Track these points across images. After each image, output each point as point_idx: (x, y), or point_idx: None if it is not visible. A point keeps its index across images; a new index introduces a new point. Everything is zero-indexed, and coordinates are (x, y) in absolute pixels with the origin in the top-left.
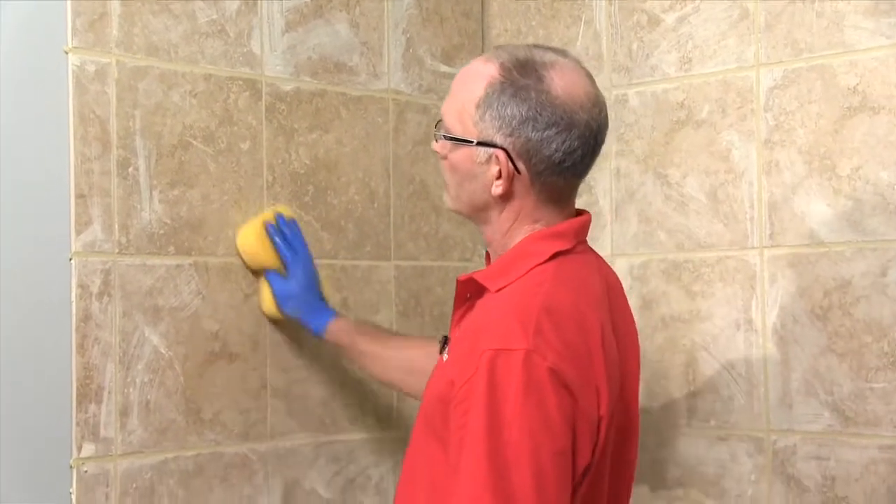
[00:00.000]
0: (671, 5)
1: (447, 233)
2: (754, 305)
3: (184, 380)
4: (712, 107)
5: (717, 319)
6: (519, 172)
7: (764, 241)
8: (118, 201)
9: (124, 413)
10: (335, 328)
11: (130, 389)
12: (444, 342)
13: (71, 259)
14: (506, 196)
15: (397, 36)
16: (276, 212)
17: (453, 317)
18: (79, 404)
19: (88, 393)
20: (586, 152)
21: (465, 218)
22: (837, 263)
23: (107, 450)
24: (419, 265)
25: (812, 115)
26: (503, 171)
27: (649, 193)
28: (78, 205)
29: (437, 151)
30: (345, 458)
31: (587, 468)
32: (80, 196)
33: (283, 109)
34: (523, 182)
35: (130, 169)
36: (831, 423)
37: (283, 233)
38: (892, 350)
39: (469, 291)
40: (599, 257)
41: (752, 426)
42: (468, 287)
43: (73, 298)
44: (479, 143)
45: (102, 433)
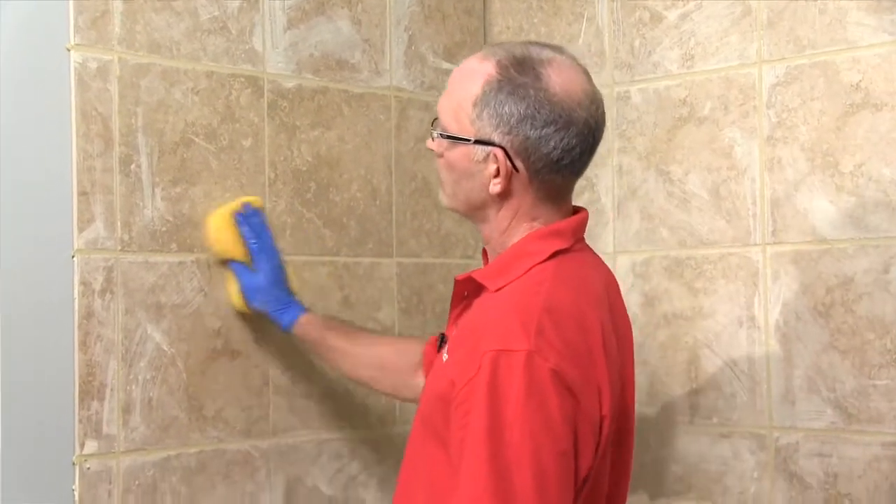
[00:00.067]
0: (673, 2)
1: (449, 230)
2: (757, 302)
3: (186, 377)
4: (714, 104)
5: (719, 316)
6: (517, 170)
7: (766, 238)
8: (120, 198)
9: (127, 410)
10: (304, 323)
11: (133, 386)
12: (441, 341)
13: (73, 256)
14: (504, 194)
15: (399, 33)
16: (243, 202)
17: (450, 315)
18: (81, 401)
19: (91, 390)
20: (584, 150)
21: (461, 216)
22: (840, 260)
23: (109, 447)
24: (421, 262)
25: (815, 111)
26: (501, 169)
27: (651, 190)
28: (80, 202)
29: (432, 149)
30: (347, 455)
31: (589, 469)
32: (83, 193)
33: (285, 106)
34: (521, 180)
35: (133, 166)
36: (834, 420)
37: (250, 222)
38: (895, 347)
39: (467, 290)
40: (596, 255)
41: (754, 423)
42: (466, 286)
43: (76, 296)
44: (477, 142)
45: (105, 430)
